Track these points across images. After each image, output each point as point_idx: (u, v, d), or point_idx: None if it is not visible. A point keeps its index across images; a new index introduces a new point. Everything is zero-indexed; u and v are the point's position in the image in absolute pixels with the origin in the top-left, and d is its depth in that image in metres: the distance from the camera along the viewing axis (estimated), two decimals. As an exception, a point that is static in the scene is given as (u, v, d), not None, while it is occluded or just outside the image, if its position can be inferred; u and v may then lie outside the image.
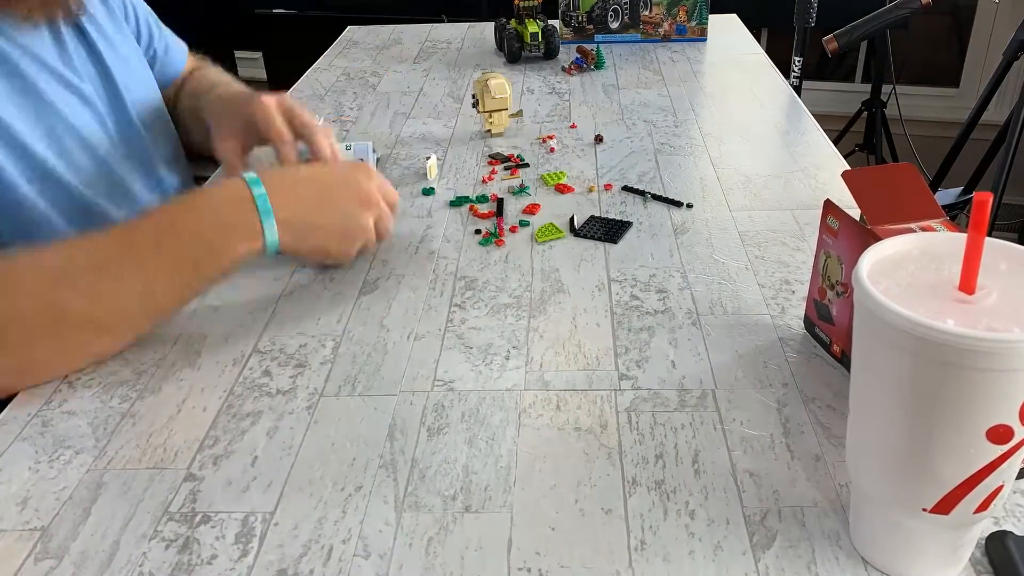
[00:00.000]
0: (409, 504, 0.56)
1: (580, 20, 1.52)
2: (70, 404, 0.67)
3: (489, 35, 1.58)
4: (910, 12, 2.08)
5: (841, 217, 0.64)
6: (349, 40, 1.60)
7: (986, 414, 0.42)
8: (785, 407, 0.64)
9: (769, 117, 1.18)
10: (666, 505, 0.55)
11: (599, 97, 1.28)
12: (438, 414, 0.64)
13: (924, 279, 0.46)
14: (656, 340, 0.72)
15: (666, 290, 0.79)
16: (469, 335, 0.73)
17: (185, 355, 0.72)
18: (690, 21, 1.51)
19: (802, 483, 0.57)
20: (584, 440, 0.61)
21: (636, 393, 0.66)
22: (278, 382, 0.68)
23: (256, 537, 0.54)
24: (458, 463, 0.59)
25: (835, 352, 0.68)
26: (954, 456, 0.43)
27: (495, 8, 2.33)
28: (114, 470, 0.60)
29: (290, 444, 0.62)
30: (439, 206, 0.96)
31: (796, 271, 0.81)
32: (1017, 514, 0.54)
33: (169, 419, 0.65)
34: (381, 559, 0.52)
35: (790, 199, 0.95)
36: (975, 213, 0.43)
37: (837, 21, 2.18)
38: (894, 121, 2.56)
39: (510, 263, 0.84)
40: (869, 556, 0.51)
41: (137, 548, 0.54)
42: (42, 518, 0.56)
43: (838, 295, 0.66)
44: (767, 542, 0.52)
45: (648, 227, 0.90)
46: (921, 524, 0.47)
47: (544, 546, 0.53)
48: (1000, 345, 0.39)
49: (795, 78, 2.08)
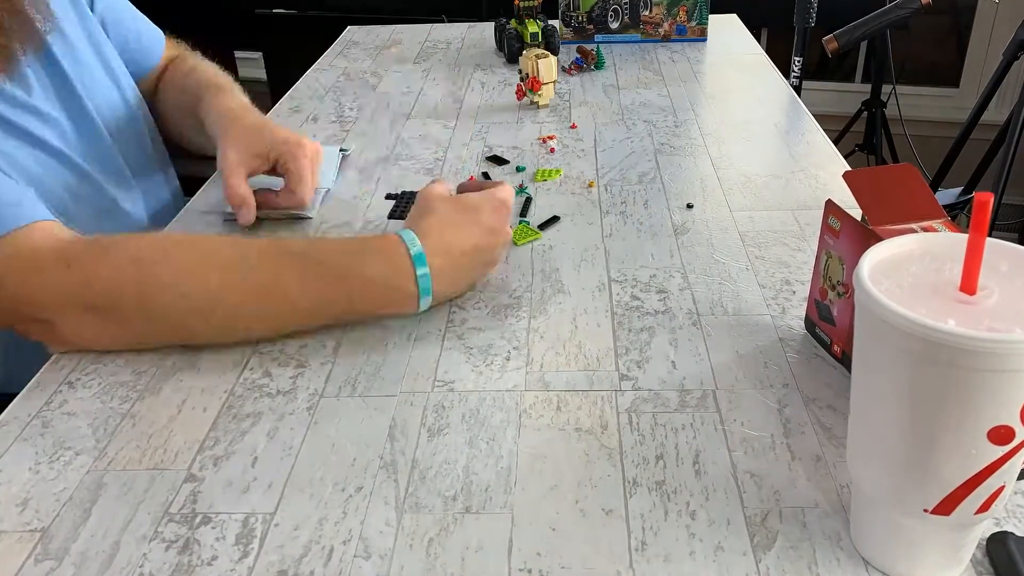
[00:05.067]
0: (410, 505, 0.56)
1: (580, 20, 1.52)
2: (70, 405, 0.67)
3: (489, 35, 1.58)
4: (910, 12, 2.08)
5: (843, 217, 0.64)
6: (349, 40, 1.60)
7: (987, 415, 0.42)
8: (786, 408, 0.64)
9: (769, 117, 1.18)
10: (667, 506, 0.55)
11: (599, 97, 1.28)
12: (438, 415, 0.64)
13: (925, 280, 0.45)
14: (657, 340, 0.72)
15: (666, 290, 0.78)
16: (469, 336, 0.73)
17: (185, 356, 0.72)
18: (690, 21, 1.51)
19: (803, 484, 0.57)
20: (585, 441, 0.61)
21: (637, 394, 0.65)
22: (278, 383, 0.68)
23: (257, 538, 0.54)
24: (458, 464, 0.59)
25: (836, 352, 0.68)
26: (955, 457, 0.43)
27: (495, 8, 2.33)
28: (114, 471, 0.60)
29: (290, 445, 0.62)
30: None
31: (797, 271, 0.81)
32: (1018, 515, 0.54)
33: (169, 420, 0.65)
34: (382, 560, 0.52)
35: (790, 199, 0.95)
36: (976, 213, 0.43)
37: (837, 21, 2.17)
38: (894, 121, 2.55)
39: (510, 263, 0.84)
40: (870, 557, 0.51)
41: (137, 549, 0.54)
42: (42, 519, 0.56)
43: (839, 295, 0.66)
44: (768, 543, 0.52)
45: (648, 227, 0.90)
46: (922, 525, 0.47)
47: (545, 547, 0.53)
48: (1001, 346, 0.39)
49: (795, 78, 2.07)
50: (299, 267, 0.71)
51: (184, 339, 0.72)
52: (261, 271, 0.71)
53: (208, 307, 0.70)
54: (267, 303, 0.71)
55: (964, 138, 2.30)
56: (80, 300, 0.69)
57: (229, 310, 0.70)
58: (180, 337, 0.72)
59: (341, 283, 0.71)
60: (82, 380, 0.69)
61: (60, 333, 0.70)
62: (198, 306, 0.70)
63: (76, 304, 0.69)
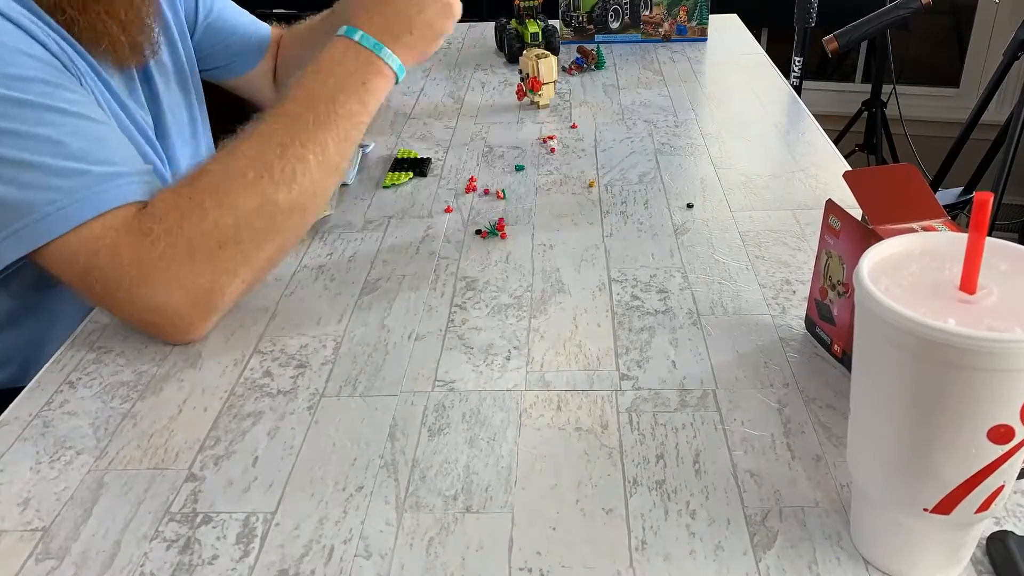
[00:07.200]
0: (410, 504, 0.56)
1: (580, 20, 1.52)
2: (71, 405, 0.67)
3: (489, 35, 1.58)
4: (910, 12, 2.08)
5: (843, 217, 0.64)
6: (349, 40, 1.60)
7: (987, 414, 0.42)
8: (786, 407, 0.64)
9: (769, 117, 1.18)
10: (667, 505, 0.55)
11: (599, 97, 1.28)
12: (439, 414, 0.64)
13: (925, 279, 0.46)
14: (657, 340, 0.72)
15: (667, 290, 0.79)
16: (470, 335, 0.73)
17: (186, 356, 0.72)
18: (690, 21, 1.51)
19: (803, 483, 0.57)
20: (585, 440, 0.61)
21: (637, 393, 0.66)
22: (279, 382, 0.68)
23: (257, 537, 0.54)
24: (459, 463, 0.60)
25: (836, 352, 0.68)
26: (955, 456, 0.43)
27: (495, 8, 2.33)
28: (115, 470, 0.60)
29: (291, 444, 0.62)
30: (440, 206, 0.96)
31: (797, 271, 0.81)
32: (1018, 514, 0.54)
33: (170, 420, 0.65)
34: (382, 559, 0.52)
35: (790, 199, 0.95)
36: (976, 213, 0.43)
37: (837, 21, 2.17)
38: (894, 121, 2.55)
39: (511, 263, 0.84)
40: (870, 556, 0.51)
41: (138, 548, 0.54)
42: (43, 518, 0.56)
43: (839, 295, 0.66)
44: (768, 542, 0.52)
45: (649, 227, 0.90)
46: (922, 524, 0.47)
47: (545, 546, 0.53)
48: (1001, 345, 0.40)
49: (795, 78, 2.07)
50: (311, 133, 0.74)
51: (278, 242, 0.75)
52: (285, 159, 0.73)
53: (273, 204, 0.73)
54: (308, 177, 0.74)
55: (964, 138, 2.30)
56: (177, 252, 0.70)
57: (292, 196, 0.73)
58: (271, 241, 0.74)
59: (343, 117, 0.76)
60: (83, 380, 0.69)
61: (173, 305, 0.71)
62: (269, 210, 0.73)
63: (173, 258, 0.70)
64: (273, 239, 0.74)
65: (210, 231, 0.71)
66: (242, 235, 0.72)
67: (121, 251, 0.69)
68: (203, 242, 0.70)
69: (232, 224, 0.71)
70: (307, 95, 0.76)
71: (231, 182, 0.72)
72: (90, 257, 0.69)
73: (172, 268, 0.70)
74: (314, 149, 0.74)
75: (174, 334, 0.72)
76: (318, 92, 0.76)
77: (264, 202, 0.72)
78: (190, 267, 0.70)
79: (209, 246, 0.71)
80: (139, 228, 0.70)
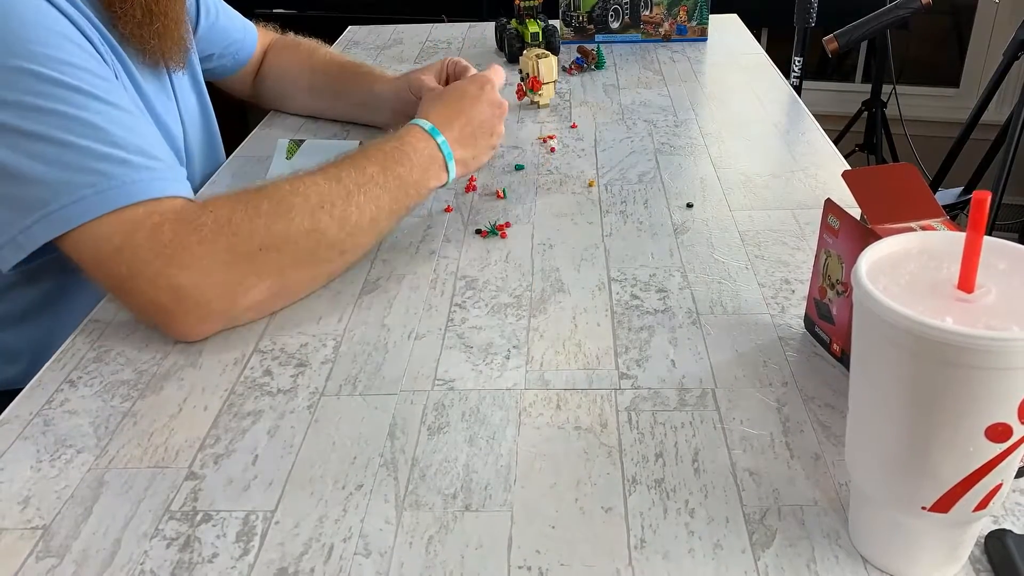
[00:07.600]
0: (409, 503, 0.56)
1: (581, 20, 1.53)
2: (71, 403, 0.67)
3: (489, 35, 1.58)
4: (910, 12, 2.08)
5: (842, 216, 0.64)
6: (349, 40, 1.60)
7: (985, 412, 0.42)
8: (785, 406, 0.64)
9: (769, 117, 1.18)
10: (666, 504, 0.55)
11: (599, 97, 1.28)
12: (438, 413, 0.64)
13: (923, 278, 0.46)
14: (656, 339, 0.72)
15: (666, 289, 0.79)
16: (469, 334, 0.73)
17: (186, 354, 0.72)
18: (690, 21, 1.51)
19: (802, 482, 0.57)
20: (584, 439, 0.61)
21: (636, 392, 0.66)
22: (279, 381, 0.69)
23: (257, 535, 0.54)
24: (458, 462, 0.60)
25: (835, 351, 0.68)
26: (953, 454, 0.44)
27: (495, 8, 2.33)
28: (115, 469, 0.60)
29: (291, 443, 0.62)
30: (440, 206, 0.96)
31: (796, 270, 0.81)
32: (1016, 512, 0.54)
33: (170, 418, 0.65)
34: (382, 557, 0.53)
35: (790, 199, 0.95)
36: (974, 212, 0.43)
37: (837, 21, 2.18)
38: (894, 121, 2.55)
39: (510, 263, 0.84)
40: (868, 555, 0.51)
41: (138, 547, 0.54)
42: (44, 517, 0.56)
43: (838, 294, 0.66)
44: (767, 541, 0.52)
45: (648, 226, 0.90)
46: (920, 522, 0.47)
47: (544, 544, 0.53)
48: (999, 343, 0.40)
49: (795, 78, 2.07)
50: (371, 192, 0.79)
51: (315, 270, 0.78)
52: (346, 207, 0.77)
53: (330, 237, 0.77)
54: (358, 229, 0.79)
55: (964, 138, 2.30)
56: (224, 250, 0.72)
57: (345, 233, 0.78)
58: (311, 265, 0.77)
59: (402, 191, 0.82)
60: (83, 378, 0.70)
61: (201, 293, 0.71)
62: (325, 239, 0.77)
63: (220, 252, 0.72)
64: (308, 265, 0.76)
65: (258, 231, 0.72)
66: (285, 247, 0.73)
67: (164, 230, 0.70)
68: (247, 239, 0.72)
69: (281, 233, 0.73)
70: (383, 159, 0.81)
71: (294, 198, 0.75)
72: (126, 237, 0.70)
73: (209, 254, 0.70)
74: (371, 207, 0.78)
75: (183, 325, 0.72)
76: (392, 162, 0.81)
77: (315, 228, 0.75)
78: (226, 257, 0.71)
79: (251, 245, 0.72)
80: (188, 216, 0.72)
